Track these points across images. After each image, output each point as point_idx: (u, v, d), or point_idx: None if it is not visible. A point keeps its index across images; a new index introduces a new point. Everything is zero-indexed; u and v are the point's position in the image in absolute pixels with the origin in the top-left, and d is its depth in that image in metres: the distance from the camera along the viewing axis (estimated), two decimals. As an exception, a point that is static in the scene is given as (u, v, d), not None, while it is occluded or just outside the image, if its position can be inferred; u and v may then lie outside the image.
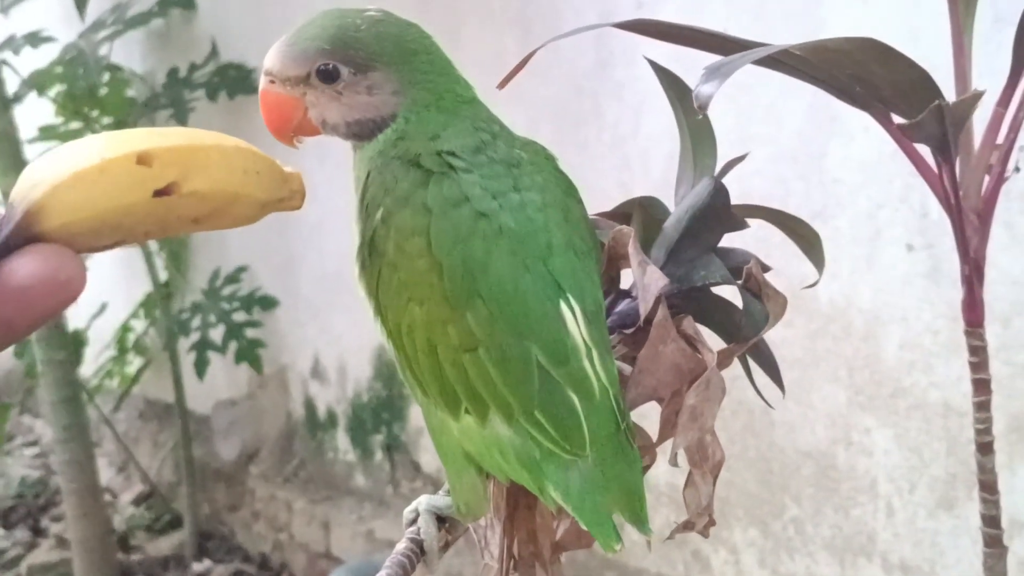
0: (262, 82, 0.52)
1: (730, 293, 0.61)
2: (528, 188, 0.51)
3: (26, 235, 0.36)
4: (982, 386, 0.61)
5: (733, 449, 1.55)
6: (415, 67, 0.52)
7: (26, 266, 0.35)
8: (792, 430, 1.48)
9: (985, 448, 0.61)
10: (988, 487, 0.61)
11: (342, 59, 0.51)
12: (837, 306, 1.40)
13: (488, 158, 0.51)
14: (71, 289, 0.35)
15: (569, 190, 0.54)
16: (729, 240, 0.63)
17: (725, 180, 0.67)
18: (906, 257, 1.32)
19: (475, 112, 0.54)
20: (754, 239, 0.67)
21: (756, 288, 0.58)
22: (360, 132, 0.52)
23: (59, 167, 0.37)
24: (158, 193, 0.39)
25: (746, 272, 0.58)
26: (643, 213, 0.63)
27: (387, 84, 0.52)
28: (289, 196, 0.46)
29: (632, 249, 0.55)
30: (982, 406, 0.61)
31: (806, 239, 0.65)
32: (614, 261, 0.58)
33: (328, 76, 0.51)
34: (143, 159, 0.38)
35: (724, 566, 1.60)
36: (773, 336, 0.64)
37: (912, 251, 1.31)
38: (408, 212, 0.49)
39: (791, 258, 0.70)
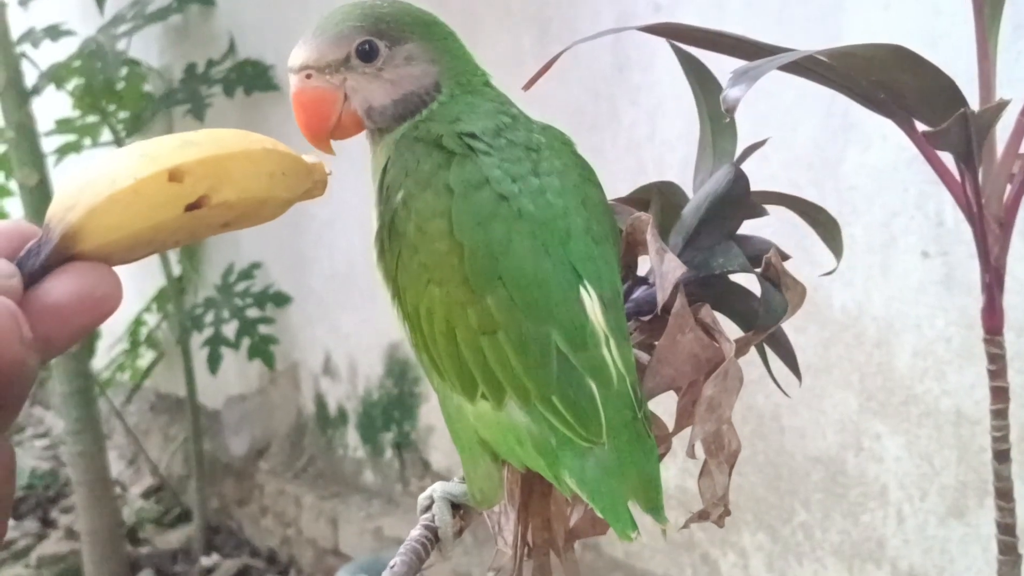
0: (296, 81, 0.51)
1: (748, 280, 0.60)
2: (547, 173, 0.51)
3: (63, 256, 0.37)
4: (1000, 394, 0.61)
5: (743, 453, 1.55)
6: (440, 37, 0.53)
7: (64, 285, 0.36)
8: (802, 435, 1.49)
9: (1002, 456, 0.61)
10: (1004, 495, 0.62)
11: (376, 34, 0.51)
12: (850, 313, 1.40)
13: (508, 141, 0.51)
14: (108, 305, 0.37)
15: (587, 175, 0.54)
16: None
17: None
18: (920, 265, 1.32)
19: (496, 94, 0.54)
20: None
21: (775, 277, 0.57)
22: (406, 111, 0.52)
23: (94, 188, 0.38)
24: (189, 207, 0.39)
25: (765, 261, 0.57)
26: (661, 199, 0.63)
27: (423, 53, 0.52)
28: (312, 187, 0.47)
29: (650, 236, 0.55)
30: (999, 414, 0.61)
31: (825, 226, 0.64)
32: (632, 248, 0.58)
33: (367, 55, 0.51)
34: (175, 175, 0.39)
35: (732, 570, 1.61)
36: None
37: (927, 259, 1.31)
38: (430, 193, 0.49)
39: (804, 265, 0.70)
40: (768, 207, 0.64)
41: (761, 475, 1.54)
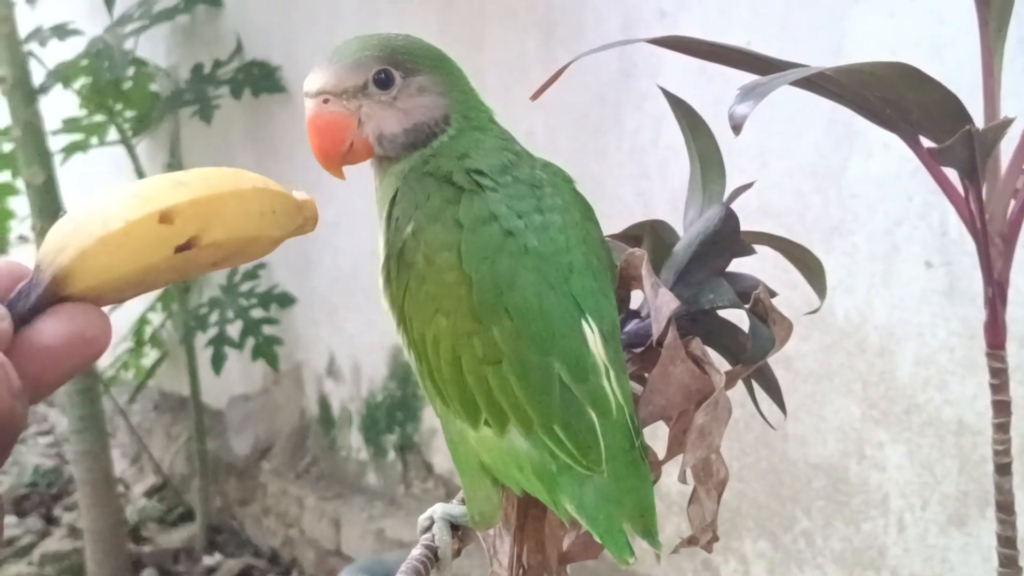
0: (312, 106, 0.53)
1: (735, 316, 0.62)
2: (550, 209, 0.53)
3: (54, 298, 0.38)
4: (1002, 407, 0.62)
5: (745, 460, 1.56)
6: (449, 71, 0.55)
7: (54, 326, 0.37)
8: (804, 443, 1.49)
9: (1003, 469, 0.62)
10: (1005, 508, 0.62)
11: (393, 64, 0.53)
12: (852, 321, 1.41)
13: (513, 178, 0.53)
14: (97, 346, 0.37)
15: (586, 212, 0.56)
16: (743, 263, 0.65)
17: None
18: (923, 274, 1.32)
19: (501, 131, 0.56)
20: (774, 254, 0.68)
21: (763, 312, 0.59)
22: (416, 140, 0.54)
23: (85, 230, 0.38)
24: (180, 248, 0.40)
25: (754, 297, 0.59)
26: (653, 236, 0.65)
27: (434, 85, 0.54)
28: (303, 223, 0.47)
29: (645, 271, 0.57)
30: (1001, 427, 0.61)
31: (808, 266, 0.66)
32: (625, 282, 0.60)
33: (383, 83, 0.52)
34: (165, 217, 0.39)
35: (733, 576, 1.61)
36: (788, 349, 0.66)
37: (930, 268, 1.32)
38: (439, 227, 0.51)
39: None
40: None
41: (763, 482, 1.55)
